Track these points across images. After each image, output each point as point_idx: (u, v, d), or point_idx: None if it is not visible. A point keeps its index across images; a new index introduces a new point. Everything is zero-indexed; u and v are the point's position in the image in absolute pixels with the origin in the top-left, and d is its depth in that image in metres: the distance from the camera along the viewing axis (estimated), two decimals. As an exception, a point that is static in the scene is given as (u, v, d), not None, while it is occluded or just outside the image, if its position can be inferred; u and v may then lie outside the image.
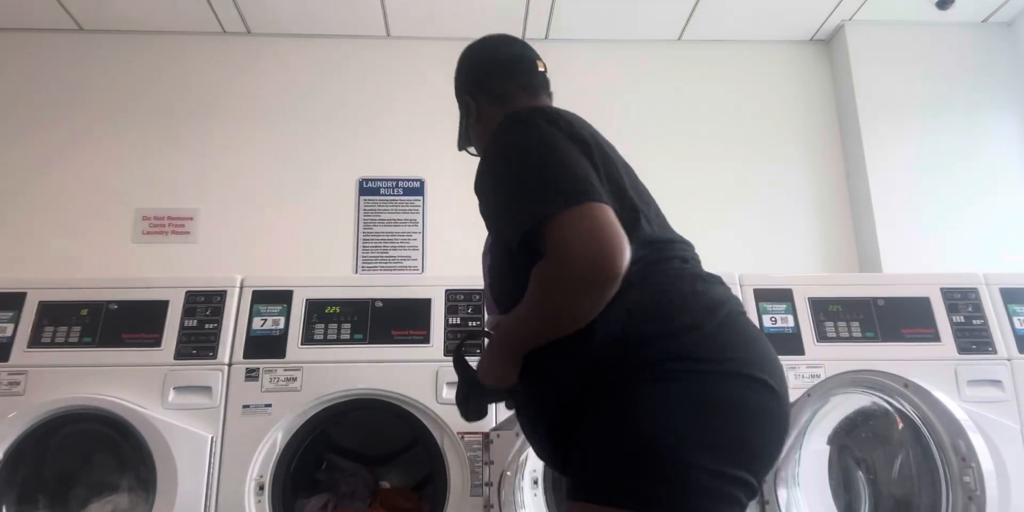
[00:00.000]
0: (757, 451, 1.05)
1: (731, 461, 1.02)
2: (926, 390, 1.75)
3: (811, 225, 3.16)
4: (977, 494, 1.61)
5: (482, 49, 1.53)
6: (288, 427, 2.10)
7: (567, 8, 3.14)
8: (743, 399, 1.05)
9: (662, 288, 1.13)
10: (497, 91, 1.46)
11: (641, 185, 1.34)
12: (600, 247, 1.01)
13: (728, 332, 1.10)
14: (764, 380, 1.06)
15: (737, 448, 1.03)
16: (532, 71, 1.51)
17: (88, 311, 2.23)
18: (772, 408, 1.08)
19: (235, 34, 3.31)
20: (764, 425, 1.06)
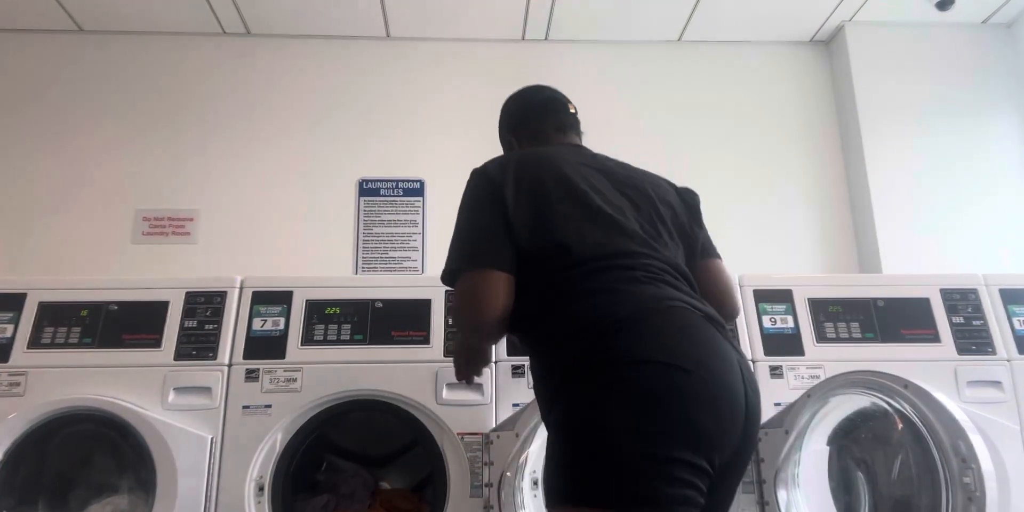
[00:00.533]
0: (692, 433, 1.12)
1: (665, 444, 1.10)
2: (926, 391, 1.75)
3: (811, 226, 3.17)
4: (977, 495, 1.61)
5: (521, 95, 1.82)
6: (288, 428, 2.10)
7: (567, 9, 3.14)
8: (656, 386, 1.13)
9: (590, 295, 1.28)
10: (533, 129, 1.73)
11: (609, 196, 1.45)
12: (474, 310, 1.35)
13: (651, 325, 1.21)
14: (670, 363, 1.15)
15: (669, 432, 1.11)
16: (563, 111, 1.79)
17: (88, 312, 2.23)
18: (692, 390, 1.14)
19: (235, 35, 3.31)
20: (688, 407, 1.13)
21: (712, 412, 1.15)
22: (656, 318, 1.23)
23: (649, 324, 1.21)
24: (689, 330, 1.23)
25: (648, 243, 1.38)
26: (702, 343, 1.21)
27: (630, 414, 1.11)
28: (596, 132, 3.24)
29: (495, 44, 3.37)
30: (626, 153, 3.21)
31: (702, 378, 1.16)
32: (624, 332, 1.19)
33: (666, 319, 1.24)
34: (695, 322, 1.25)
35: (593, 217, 1.38)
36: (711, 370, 1.18)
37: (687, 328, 1.23)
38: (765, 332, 2.28)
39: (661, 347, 1.17)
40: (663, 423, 1.11)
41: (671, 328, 1.22)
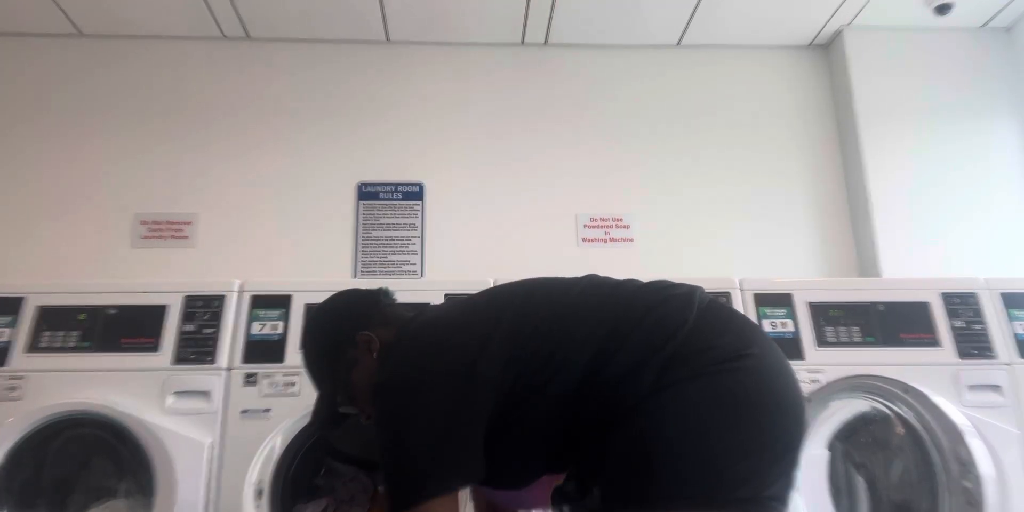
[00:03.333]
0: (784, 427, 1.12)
1: (755, 441, 1.09)
2: (926, 395, 1.75)
3: (810, 230, 3.16)
4: (977, 499, 1.61)
5: (347, 294, 1.53)
6: (287, 432, 2.09)
7: (566, 13, 3.14)
8: (737, 383, 1.12)
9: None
10: (390, 318, 1.42)
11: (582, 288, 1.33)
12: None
13: (706, 321, 1.19)
14: (752, 353, 1.15)
15: (757, 427, 1.10)
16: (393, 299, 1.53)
17: (87, 316, 2.22)
18: (767, 373, 1.16)
19: (234, 38, 3.31)
20: (776, 401, 1.14)
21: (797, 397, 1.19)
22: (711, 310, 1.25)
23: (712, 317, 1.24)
24: (738, 319, 1.29)
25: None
26: (756, 330, 1.29)
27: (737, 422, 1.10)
28: (595, 135, 3.27)
29: (494, 48, 3.37)
30: (626, 155, 3.24)
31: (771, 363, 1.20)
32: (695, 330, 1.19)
33: (721, 311, 1.28)
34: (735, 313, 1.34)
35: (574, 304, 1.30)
36: (773, 354, 1.22)
37: (736, 317, 1.30)
38: (765, 336, 2.27)
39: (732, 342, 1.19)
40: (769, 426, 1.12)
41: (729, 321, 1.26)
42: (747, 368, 1.13)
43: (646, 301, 1.23)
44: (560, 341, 1.19)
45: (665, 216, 3.15)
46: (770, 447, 1.10)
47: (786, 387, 1.17)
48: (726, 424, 1.08)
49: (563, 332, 1.20)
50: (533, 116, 3.28)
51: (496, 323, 1.22)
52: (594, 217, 3.14)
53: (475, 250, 3.05)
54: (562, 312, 1.24)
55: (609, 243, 3.10)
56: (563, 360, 1.17)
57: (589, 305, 1.25)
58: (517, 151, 3.23)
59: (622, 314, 1.21)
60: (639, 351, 1.14)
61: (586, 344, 1.17)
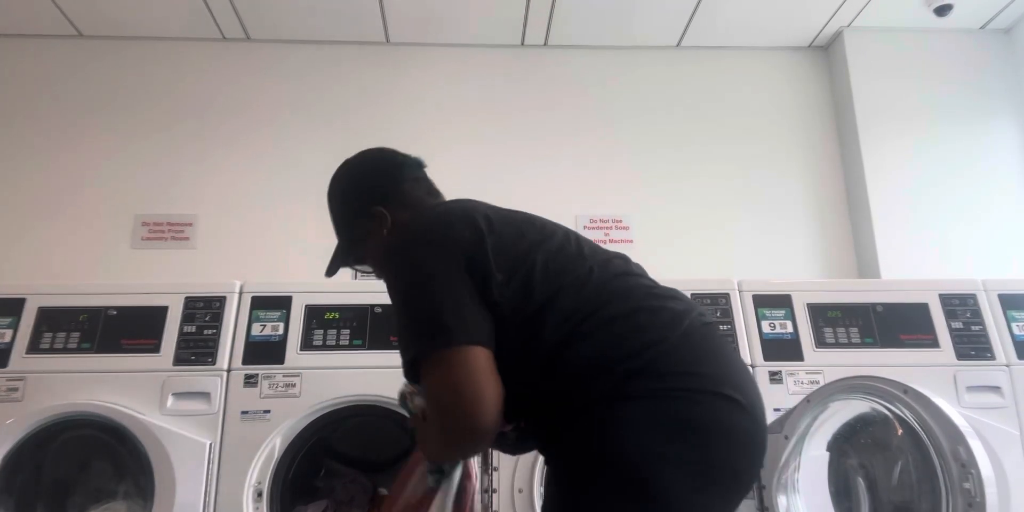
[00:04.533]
0: (735, 471, 1.05)
1: (711, 482, 1.01)
2: (925, 396, 1.75)
3: (809, 231, 3.17)
4: (977, 500, 1.60)
5: (370, 159, 1.56)
6: (287, 433, 2.09)
7: (566, 14, 3.15)
8: (716, 419, 1.04)
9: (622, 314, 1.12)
10: (409, 196, 1.44)
11: (573, 242, 1.28)
12: (462, 407, 1.04)
13: (690, 344, 1.09)
14: (736, 399, 1.05)
15: (716, 468, 1.02)
16: (422, 173, 1.53)
17: (87, 317, 2.22)
18: (746, 427, 1.06)
19: (234, 40, 3.32)
20: (739, 445, 1.05)
21: (760, 451, 1.09)
22: (699, 335, 1.13)
23: (697, 342, 1.12)
24: (727, 354, 1.15)
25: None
26: (744, 372, 1.14)
27: (691, 446, 1.01)
28: (594, 137, 3.27)
29: (495, 50, 3.38)
30: (626, 157, 3.24)
31: (754, 416, 1.08)
32: (675, 351, 1.08)
33: (710, 338, 1.15)
34: (725, 345, 1.18)
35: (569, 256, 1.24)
36: (759, 406, 1.10)
37: (725, 349, 1.16)
38: (764, 337, 2.28)
39: (718, 377, 1.07)
40: (723, 461, 1.04)
41: (716, 352, 1.13)
42: (721, 405, 1.04)
43: (645, 300, 1.16)
44: (551, 301, 1.12)
45: (665, 217, 3.15)
46: (714, 486, 1.03)
47: (754, 432, 1.08)
48: (689, 457, 1.00)
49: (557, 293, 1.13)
50: (533, 117, 3.29)
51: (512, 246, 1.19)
52: (594, 218, 3.14)
53: (475, 251, 3.05)
54: (573, 275, 1.16)
55: (609, 244, 3.08)
56: (543, 318, 1.11)
57: (600, 280, 1.17)
58: (517, 152, 3.23)
59: (614, 301, 1.13)
60: (613, 346, 1.07)
61: (573, 314, 1.10)
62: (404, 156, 1.52)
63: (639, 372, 1.03)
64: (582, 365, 1.06)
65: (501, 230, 1.21)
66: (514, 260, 1.16)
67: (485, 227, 1.20)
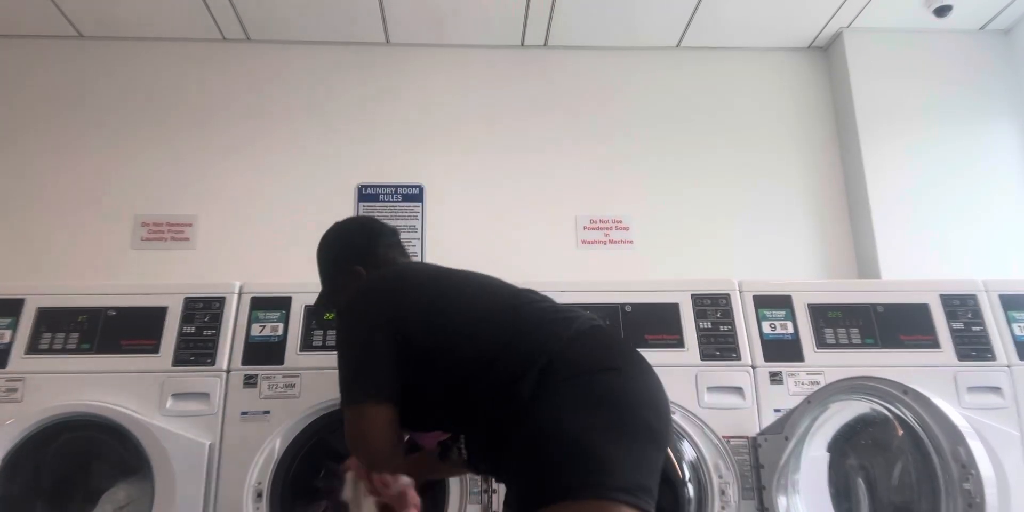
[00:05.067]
0: (649, 426, 1.28)
1: (634, 438, 1.24)
2: (926, 397, 1.74)
3: (810, 231, 3.17)
4: (977, 501, 1.60)
5: (351, 226, 1.86)
6: (287, 434, 2.09)
7: (566, 15, 3.15)
8: (618, 389, 1.30)
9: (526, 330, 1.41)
10: (381, 259, 1.74)
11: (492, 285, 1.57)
12: (361, 449, 1.43)
13: (582, 341, 1.37)
14: (621, 368, 1.34)
15: (632, 425, 1.26)
16: (395, 239, 1.83)
17: (86, 317, 2.22)
18: (640, 390, 1.33)
19: (235, 41, 3.32)
20: (642, 405, 1.30)
21: (653, 400, 1.34)
22: (590, 334, 1.42)
23: (588, 340, 1.40)
24: (611, 342, 1.45)
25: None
26: (626, 350, 1.44)
27: (606, 412, 1.26)
28: (594, 138, 3.27)
29: (494, 50, 3.38)
30: (625, 157, 3.24)
31: (634, 376, 1.36)
32: (571, 349, 1.36)
33: (597, 335, 1.44)
34: (611, 337, 1.51)
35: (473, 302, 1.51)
36: (641, 371, 1.39)
37: (610, 340, 1.47)
38: (765, 338, 2.28)
39: (602, 357, 1.36)
40: (634, 416, 1.28)
41: (604, 343, 1.43)
42: (611, 377, 1.31)
43: (538, 318, 1.43)
44: (462, 340, 1.41)
45: (665, 218, 3.15)
46: (638, 440, 1.24)
47: (652, 398, 1.33)
48: (596, 420, 1.23)
49: (469, 333, 1.42)
50: (533, 118, 3.29)
51: (421, 302, 1.48)
52: (594, 219, 3.14)
53: (475, 252, 3.05)
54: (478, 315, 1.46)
55: (609, 245, 3.10)
56: (460, 356, 1.39)
57: (500, 317, 1.45)
58: (517, 153, 3.23)
59: (517, 327, 1.41)
60: (522, 361, 1.32)
61: (483, 347, 1.38)
62: (382, 225, 1.84)
63: (549, 369, 1.30)
64: (506, 376, 1.32)
65: (420, 294, 1.50)
66: (431, 316, 1.45)
67: (411, 293, 1.51)
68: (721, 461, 2.08)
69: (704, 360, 2.23)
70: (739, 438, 2.12)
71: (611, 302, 2.30)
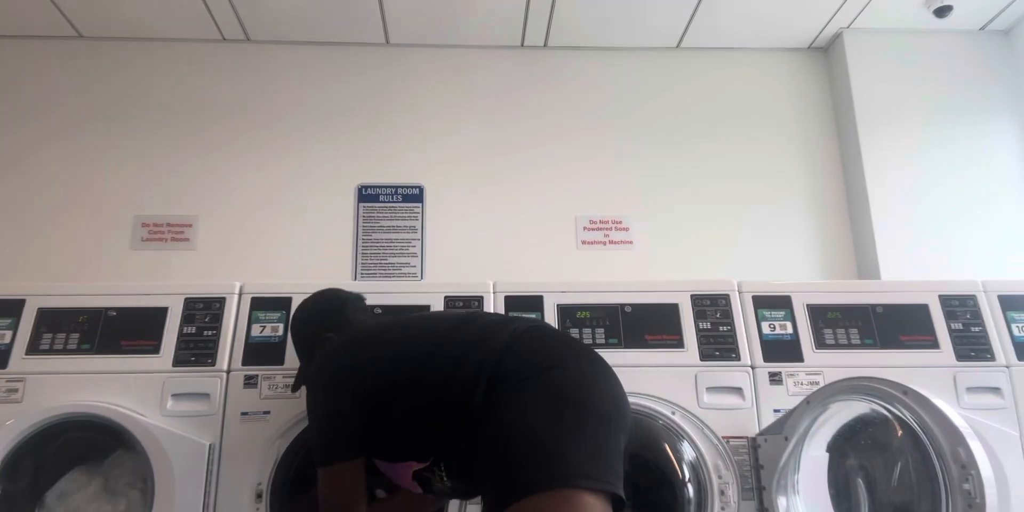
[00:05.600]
0: (603, 413, 1.36)
1: (594, 425, 1.32)
2: (925, 397, 1.74)
3: (809, 232, 3.17)
4: (977, 501, 1.60)
5: (327, 297, 1.96)
6: (287, 434, 2.09)
7: (566, 15, 3.15)
8: (567, 383, 1.39)
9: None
10: (352, 324, 1.83)
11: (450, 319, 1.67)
12: (335, 502, 1.53)
13: (519, 344, 1.47)
14: (567, 366, 1.43)
15: (588, 414, 1.34)
16: (362, 304, 1.97)
17: (87, 318, 2.22)
18: (587, 382, 1.42)
19: (234, 41, 3.32)
20: (593, 394, 1.39)
21: (605, 390, 1.44)
22: (526, 335, 1.53)
23: (525, 341, 1.51)
24: (551, 340, 1.56)
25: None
26: (570, 346, 1.56)
27: (562, 409, 1.34)
28: (594, 138, 3.27)
29: (494, 51, 3.38)
30: (625, 158, 3.24)
31: (583, 369, 1.46)
32: (512, 354, 1.46)
33: (534, 334, 1.55)
34: (549, 333, 1.63)
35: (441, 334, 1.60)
36: (584, 361, 1.48)
37: (550, 338, 1.58)
38: (764, 338, 2.28)
39: (549, 357, 1.46)
40: (588, 408, 1.36)
41: (543, 341, 1.54)
42: (555, 373, 1.39)
43: (475, 330, 1.53)
44: (418, 368, 1.50)
45: (664, 218, 3.15)
46: (590, 427, 1.31)
47: (600, 387, 1.42)
48: (549, 417, 1.30)
49: (424, 362, 1.50)
50: (532, 118, 3.29)
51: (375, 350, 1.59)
52: (593, 219, 3.14)
53: (475, 252, 3.06)
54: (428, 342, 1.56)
55: (608, 245, 3.10)
56: (419, 380, 1.48)
57: (448, 338, 1.54)
58: (516, 153, 3.23)
59: (462, 343, 1.50)
60: (469, 372, 1.41)
61: (436, 367, 1.47)
62: (347, 293, 1.95)
63: (496, 375, 1.39)
64: (459, 389, 1.41)
65: (374, 343, 1.61)
66: (387, 357, 1.55)
67: (366, 346, 1.61)
68: (721, 461, 2.08)
69: (704, 360, 2.23)
70: (739, 438, 2.13)
71: (611, 302, 2.31)
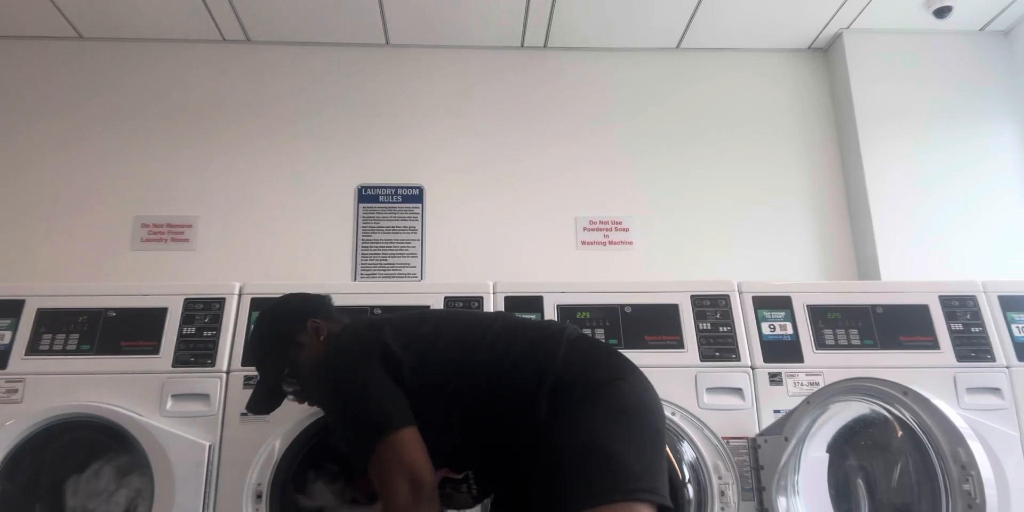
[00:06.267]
0: (656, 430, 1.40)
1: (646, 442, 1.35)
2: (925, 398, 1.75)
3: (809, 233, 3.17)
4: (977, 502, 1.60)
5: (294, 295, 1.83)
6: (286, 435, 2.09)
7: (566, 16, 3.15)
8: (632, 398, 1.41)
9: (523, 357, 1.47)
10: (335, 315, 1.75)
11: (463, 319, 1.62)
12: (409, 477, 1.34)
13: (579, 352, 1.47)
14: (627, 379, 1.43)
15: (646, 431, 1.37)
16: (332, 304, 1.83)
17: (86, 318, 2.22)
18: (647, 399, 1.44)
19: (234, 42, 3.32)
20: (648, 411, 1.41)
21: (656, 407, 1.46)
22: (580, 343, 1.53)
23: (581, 348, 1.51)
24: (602, 350, 1.56)
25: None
26: (621, 358, 1.53)
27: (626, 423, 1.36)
28: (594, 139, 3.27)
29: (494, 51, 3.38)
30: (625, 159, 3.24)
31: (638, 385, 1.46)
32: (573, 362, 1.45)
33: (587, 343, 1.56)
34: (598, 343, 1.63)
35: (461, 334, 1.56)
36: (638, 377, 1.48)
37: (600, 347, 1.58)
38: (764, 339, 2.28)
39: (609, 366, 1.46)
40: (641, 421, 1.39)
41: (598, 351, 1.54)
42: (622, 389, 1.40)
43: (528, 337, 1.49)
44: (461, 370, 1.45)
45: (664, 219, 3.15)
46: (650, 443, 1.36)
47: (653, 401, 1.45)
48: (617, 430, 1.33)
49: (461, 364, 1.46)
50: (532, 119, 3.29)
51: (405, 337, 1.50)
52: (593, 220, 3.14)
53: (475, 253, 3.06)
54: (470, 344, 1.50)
55: (608, 246, 3.10)
56: (465, 386, 1.44)
57: (489, 343, 1.50)
58: (516, 154, 3.23)
59: (512, 349, 1.47)
60: (528, 383, 1.40)
61: (484, 378, 1.44)
62: (315, 294, 1.83)
63: (559, 386, 1.39)
64: (516, 399, 1.40)
65: (400, 327, 1.53)
66: (419, 350, 1.48)
67: (389, 333, 1.51)
68: (721, 462, 2.08)
69: (704, 361, 2.23)
70: (739, 439, 2.12)
71: (611, 303, 2.30)
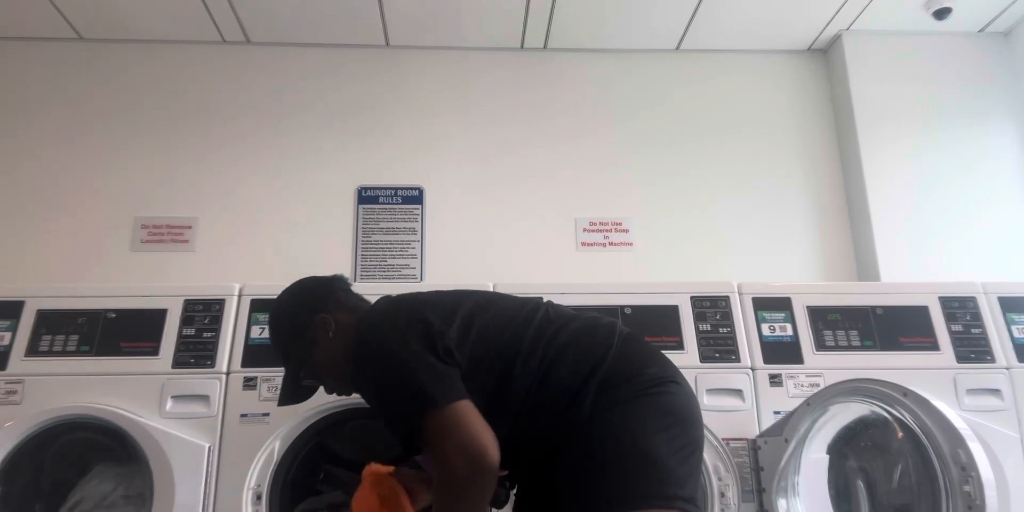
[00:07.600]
0: (696, 439, 1.36)
1: (690, 450, 1.32)
2: (925, 399, 1.75)
3: (809, 234, 3.17)
4: (977, 503, 1.61)
5: (305, 281, 1.73)
6: (286, 436, 2.09)
7: (565, 17, 3.15)
8: (680, 404, 1.37)
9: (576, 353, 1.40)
10: (345, 302, 1.62)
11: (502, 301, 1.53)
12: (467, 449, 1.23)
13: (627, 350, 1.41)
14: (680, 383, 1.40)
15: (689, 439, 1.34)
16: (348, 285, 1.72)
17: (86, 320, 2.22)
18: (693, 405, 1.41)
19: (234, 43, 3.32)
20: (692, 419, 1.38)
21: (697, 412, 1.42)
22: (631, 342, 1.46)
23: (632, 347, 1.45)
24: (653, 351, 1.50)
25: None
26: (669, 362, 1.47)
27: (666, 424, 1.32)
28: (594, 140, 3.27)
29: (494, 53, 3.38)
30: (625, 160, 3.24)
31: (686, 391, 1.42)
32: (621, 359, 1.40)
33: (637, 343, 1.49)
34: (648, 344, 1.54)
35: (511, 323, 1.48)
36: (684, 381, 1.44)
37: (651, 348, 1.51)
38: (764, 340, 2.28)
39: (658, 370, 1.40)
40: (684, 426, 1.35)
41: (648, 352, 1.48)
42: (673, 392, 1.36)
43: (578, 328, 1.43)
44: (503, 353, 1.38)
45: (664, 220, 3.15)
46: (693, 453, 1.33)
47: (697, 411, 1.41)
48: (664, 435, 1.29)
49: (507, 345, 1.39)
50: (532, 120, 3.29)
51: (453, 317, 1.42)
52: (593, 221, 3.14)
53: (475, 254, 3.06)
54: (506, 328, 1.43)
55: (608, 247, 3.10)
56: (501, 372, 1.37)
57: (531, 324, 1.43)
58: (516, 155, 3.23)
59: (561, 333, 1.41)
60: (575, 376, 1.34)
61: (528, 360, 1.37)
62: (330, 275, 1.72)
63: (607, 383, 1.33)
64: (561, 390, 1.34)
65: (439, 301, 1.47)
66: (462, 326, 1.40)
67: (429, 307, 1.43)
68: (721, 463, 2.08)
69: (704, 362, 2.23)
70: (739, 440, 2.12)
71: (611, 304, 2.30)
